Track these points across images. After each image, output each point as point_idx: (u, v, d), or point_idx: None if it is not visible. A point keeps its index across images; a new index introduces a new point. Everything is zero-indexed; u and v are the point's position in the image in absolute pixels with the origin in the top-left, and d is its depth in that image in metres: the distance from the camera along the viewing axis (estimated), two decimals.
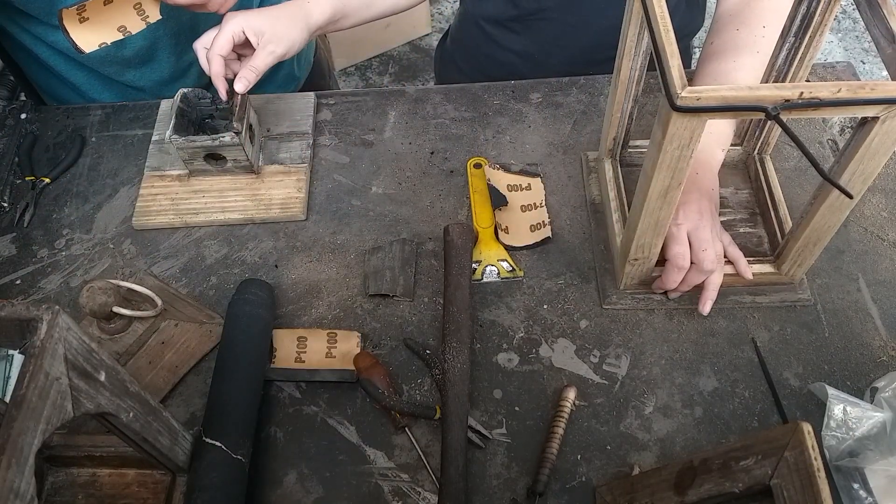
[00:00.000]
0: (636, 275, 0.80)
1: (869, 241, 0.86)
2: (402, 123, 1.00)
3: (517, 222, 0.89)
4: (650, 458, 0.73)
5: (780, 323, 0.81)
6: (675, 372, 0.78)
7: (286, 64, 1.14)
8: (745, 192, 0.89)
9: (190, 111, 0.89)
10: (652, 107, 1.00)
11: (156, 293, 0.79)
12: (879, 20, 0.59)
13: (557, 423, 0.73)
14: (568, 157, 0.95)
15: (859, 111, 0.56)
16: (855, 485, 0.69)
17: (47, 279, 0.88)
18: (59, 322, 0.46)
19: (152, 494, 0.68)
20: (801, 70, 0.75)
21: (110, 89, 1.05)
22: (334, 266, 0.87)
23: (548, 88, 1.02)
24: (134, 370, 0.76)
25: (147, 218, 0.91)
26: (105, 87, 1.05)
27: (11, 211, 0.94)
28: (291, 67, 1.16)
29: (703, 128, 0.58)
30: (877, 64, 2.46)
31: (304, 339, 0.80)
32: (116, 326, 0.77)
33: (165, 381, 0.78)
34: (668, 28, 0.58)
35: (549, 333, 0.81)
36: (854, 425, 0.70)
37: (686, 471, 0.59)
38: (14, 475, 0.42)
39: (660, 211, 0.68)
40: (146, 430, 0.58)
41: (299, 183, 0.93)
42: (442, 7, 2.69)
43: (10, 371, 0.77)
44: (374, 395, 0.74)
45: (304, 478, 0.73)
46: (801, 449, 0.50)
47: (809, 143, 0.95)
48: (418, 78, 2.49)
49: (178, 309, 0.82)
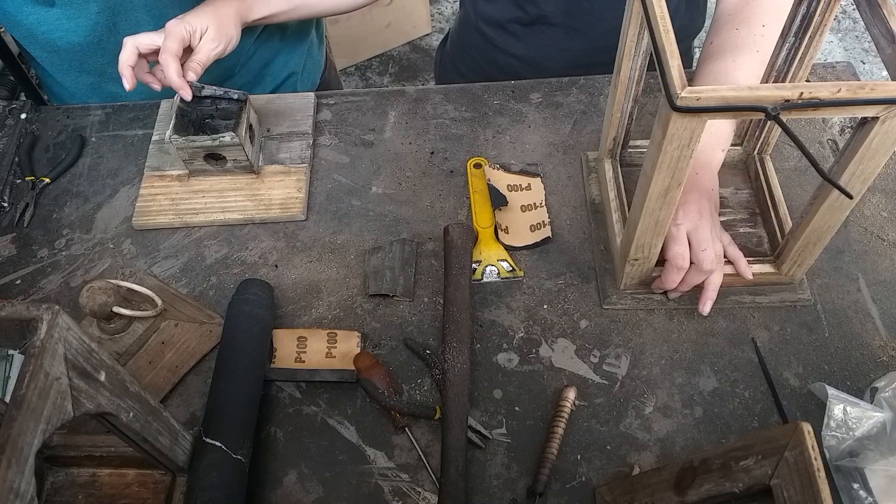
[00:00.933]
0: (636, 275, 0.80)
1: (869, 241, 0.86)
2: (402, 123, 1.00)
3: (517, 222, 0.89)
4: (650, 458, 0.73)
5: (780, 323, 0.81)
6: (675, 372, 0.78)
7: (291, 80, 1.15)
8: (745, 192, 0.89)
9: (190, 111, 0.89)
10: (652, 107, 1.00)
11: (156, 293, 0.79)
12: (879, 20, 0.59)
13: (557, 423, 0.73)
14: (568, 157, 0.95)
15: (859, 111, 0.56)
16: (855, 485, 0.69)
17: (47, 279, 0.88)
18: (59, 322, 0.46)
19: (152, 494, 0.68)
20: (801, 70, 0.75)
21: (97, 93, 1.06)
22: (334, 266, 0.87)
23: (548, 88, 1.02)
24: (134, 370, 0.76)
25: (147, 218, 0.91)
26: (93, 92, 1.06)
27: (11, 211, 0.94)
28: (294, 86, 1.16)
29: (703, 128, 0.58)
30: (877, 64, 2.46)
31: (304, 339, 0.80)
32: (116, 326, 0.77)
33: (166, 380, 0.78)
34: (668, 28, 0.58)
35: (549, 333, 0.81)
36: (854, 425, 0.70)
37: (686, 471, 0.59)
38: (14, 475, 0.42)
39: (660, 211, 0.68)
40: (146, 430, 0.58)
41: (299, 183, 0.93)
42: (442, 7, 2.69)
43: (10, 371, 0.77)
44: (374, 395, 0.74)
45: (304, 478, 0.73)
46: (801, 449, 0.50)
47: (809, 143, 0.95)
48: (418, 78, 2.49)
49: (177, 309, 0.82)
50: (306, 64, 1.17)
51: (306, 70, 1.18)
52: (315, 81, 1.23)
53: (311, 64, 1.19)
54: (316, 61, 1.21)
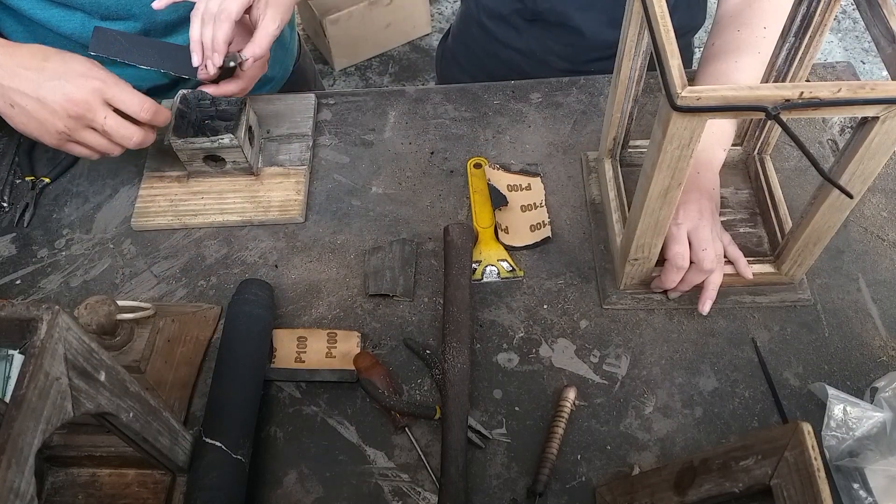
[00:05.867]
0: (636, 275, 0.80)
1: (869, 241, 0.86)
2: (402, 123, 1.00)
3: (517, 222, 0.89)
4: (650, 458, 0.73)
5: (780, 323, 0.81)
6: (675, 372, 0.78)
7: None
8: (745, 192, 0.89)
9: (189, 112, 0.89)
10: (652, 107, 1.00)
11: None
12: (879, 20, 0.59)
13: (557, 423, 0.73)
14: (568, 157, 0.95)
15: (859, 111, 0.56)
16: (855, 485, 0.69)
17: (47, 279, 0.88)
18: (59, 322, 0.46)
19: (152, 494, 0.68)
20: (801, 70, 0.75)
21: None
22: (334, 266, 0.87)
23: (548, 88, 1.02)
24: (153, 373, 0.76)
25: (146, 219, 0.91)
26: None
27: (11, 211, 0.94)
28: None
29: (703, 128, 0.58)
30: (877, 64, 2.46)
31: (304, 339, 0.80)
32: (122, 338, 0.76)
33: (188, 374, 0.78)
34: (669, 28, 0.58)
35: (549, 333, 0.81)
36: (854, 425, 0.70)
37: (686, 471, 0.59)
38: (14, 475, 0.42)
39: (660, 211, 0.68)
40: (146, 430, 0.58)
41: (298, 185, 0.93)
42: (442, 7, 2.69)
43: (10, 371, 0.77)
44: (374, 395, 0.74)
45: (304, 478, 0.73)
46: (801, 449, 0.50)
47: (809, 143, 0.95)
48: (418, 78, 2.49)
49: (163, 308, 0.82)
50: (276, 51, 1.14)
51: (276, 57, 1.15)
52: (288, 68, 1.21)
53: (281, 52, 1.17)
54: (288, 49, 1.20)
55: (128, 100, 0.78)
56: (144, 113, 0.79)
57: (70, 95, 0.74)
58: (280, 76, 1.19)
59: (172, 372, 0.77)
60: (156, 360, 0.77)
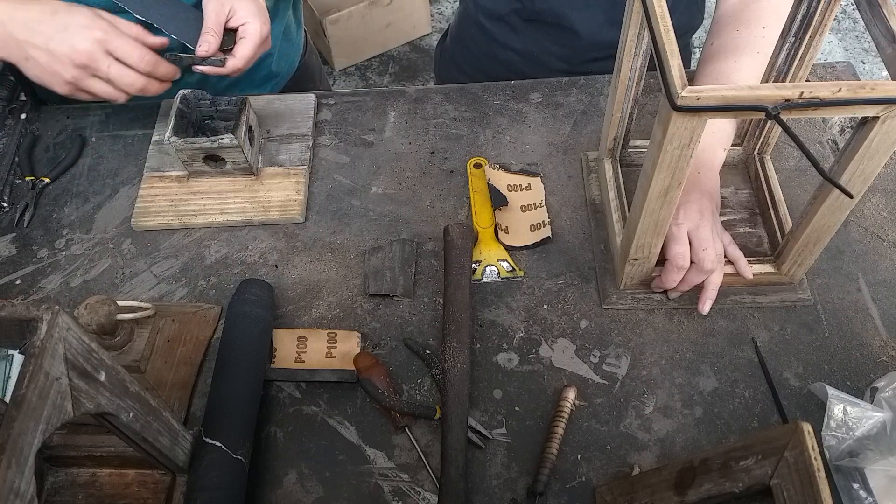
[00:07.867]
0: (636, 275, 0.80)
1: (869, 241, 0.86)
2: (402, 123, 1.00)
3: (517, 222, 0.89)
4: (650, 458, 0.73)
5: (780, 323, 0.81)
6: (675, 372, 0.78)
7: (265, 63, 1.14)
8: (745, 192, 0.89)
9: (189, 112, 0.89)
10: (652, 107, 1.00)
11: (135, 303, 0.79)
12: (879, 20, 0.59)
13: (557, 423, 0.73)
14: (568, 157, 0.95)
15: (859, 111, 0.56)
16: (855, 485, 0.69)
17: (47, 279, 0.88)
18: (59, 322, 0.46)
19: (152, 494, 0.68)
20: (801, 70, 0.75)
21: None
22: (334, 266, 0.87)
23: (548, 88, 1.02)
24: (153, 373, 0.76)
25: (146, 219, 0.91)
26: None
27: (11, 211, 0.94)
28: (269, 66, 1.15)
29: (703, 127, 0.58)
30: (877, 64, 2.46)
31: (304, 339, 0.80)
32: (123, 338, 0.76)
33: (188, 374, 0.78)
34: (669, 28, 0.58)
35: (549, 333, 0.81)
36: (854, 425, 0.69)
37: (686, 471, 0.59)
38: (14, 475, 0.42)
39: (660, 211, 0.68)
40: (146, 430, 0.58)
41: (298, 185, 0.93)
42: (442, 7, 2.69)
43: (10, 371, 0.77)
44: (374, 395, 0.74)
45: (304, 478, 0.73)
46: (801, 449, 0.50)
47: (809, 143, 0.95)
48: (418, 78, 2.49)
49: (163, 308, 0.82)
50: (282, 46, 1.16)
51: (282, 52, 1.16)
52: (293, 64, 1.22)
53: (287, 46, 1.18)
54: (294, 44, 1.21)
55: (128, 52, 0.82)
56: (144, 65, 0.83)
57: (76, 46, 0.79)
58: (286, 71, 1.19)
59: (172, 372, 0.77)
60: (156, 360, 0.77)
